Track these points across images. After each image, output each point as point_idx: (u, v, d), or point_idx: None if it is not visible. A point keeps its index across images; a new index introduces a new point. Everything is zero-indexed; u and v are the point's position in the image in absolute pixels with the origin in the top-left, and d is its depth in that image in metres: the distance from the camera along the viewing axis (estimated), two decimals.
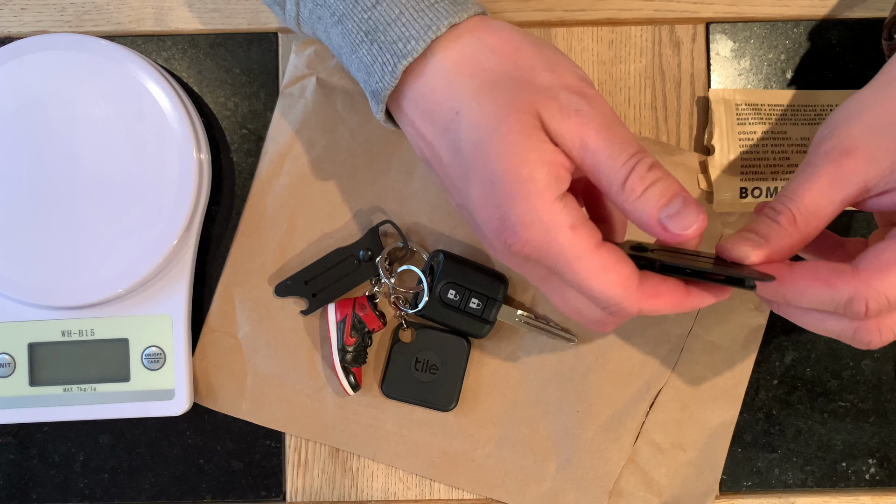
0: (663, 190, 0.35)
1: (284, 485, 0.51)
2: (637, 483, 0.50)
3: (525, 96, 0.37)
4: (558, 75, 0.37)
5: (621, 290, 0.36)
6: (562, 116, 0.36)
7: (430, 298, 0.49)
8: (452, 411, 0.50)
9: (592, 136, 0.36)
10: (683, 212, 0.35)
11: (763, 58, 0.52)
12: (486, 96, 0.37)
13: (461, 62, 0.38)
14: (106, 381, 0.49)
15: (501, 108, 0.36)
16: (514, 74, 0.37)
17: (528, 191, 0.35)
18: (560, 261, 0.36)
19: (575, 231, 0.35)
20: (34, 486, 0.51)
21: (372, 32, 0.39)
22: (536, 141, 0.36)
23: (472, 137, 0.37)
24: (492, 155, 0.36)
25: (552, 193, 0.35)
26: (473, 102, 0.37)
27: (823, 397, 0.51)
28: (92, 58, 0.47)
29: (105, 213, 0.47)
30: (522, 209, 0.35)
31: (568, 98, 0.36)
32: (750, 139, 0.51)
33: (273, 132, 0.51)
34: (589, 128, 0.36)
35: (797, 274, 0.36)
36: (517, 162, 0.35)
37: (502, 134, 0.36)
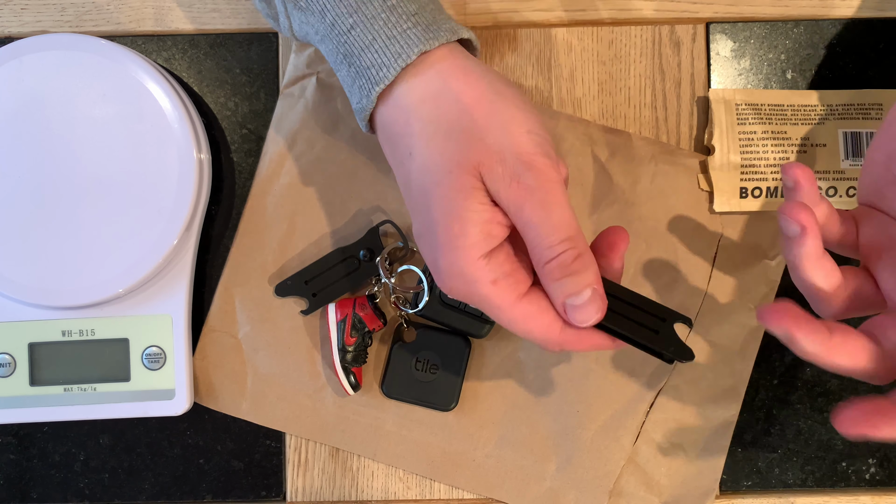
0: (578, 282, 0.37)
1: (284, 485, 0.51)
2: (637, 483, 0.50)
3: (473, 154, 0.37)
4: (511, 139, 0.38)
5: (540, 335, 0.39)
6: (503, 182, 0.37)
7: (431, 298, 0.49)
8: (452, 411, 0.50)
9: (527, 210, 0.37)
10: (585, 307, 0.38)
11: (763, 58, 0.52)
12: (436, 146, 0.38)
13: (423, 102, 0.39)
14: (106, 381, 0.49)
15: (448, 161, 0.38)
16: (468, 128, 0.38)
17: (455, 245, 0.37)
18: (485, 307, 0.39)
19: (496, 285, 0.38)
20: (34, 486, 0.51)
21: (349, 56, 0.40)
22: (473, 201, 0.37)
23: (419, 181, 0.39)
24: (431, 204, 0.38)
25: (478, 251, 0.37)
26: (425, 149, 0.38)
27: (823, 397, 0.51)
28: (92, 58, 0.47)
29: (105, 213, 0.47)
30: (449, 261, 0.38)
31: (514, 165, 0.37)
32: (750, 139, 0.51)
33: (273, 132, 0.51)
34: (527, 200, 0.37)
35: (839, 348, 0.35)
36: (451, 217, 0.37)
37: (444, 187, 0.38)
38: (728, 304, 0.50)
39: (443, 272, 0.38)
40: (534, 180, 0.37)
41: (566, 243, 0.37)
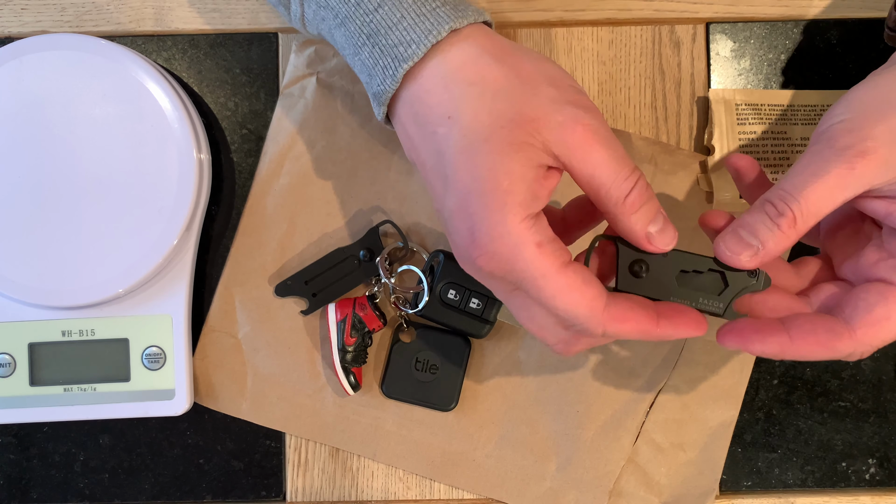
0: (652, 208, 0.37)
1: (284, 485, 0.51)
2: (637, 483, 0.50)
3: (527, 109, 0.36)
4: (560, 91, 0.37)
5: (586, 310, 0.36)
6: (567, 128, 0.36)
7: (430, 298, 0.49)
8: (452, 411, 0.50)
9: (597, 149, 0.36)
10: (665, 229, 0.38)
11: (763, 58, 0.52)
12: (483, 105, 0.37)
13: (462, 67, 0.38)
14: (106, 381, 0.49)
15: (498, 118, 0.36)
16: (518, 87, 0.37)
17: (503, 202, 0.35)
18: (525, 277, 0.36)
19: (541, 249, 0.35)
20: (34, 486, 0.51)
21: (374, 35, 0.39)
22: (525, 155, 0.36)
23: (460, 143, 0.37)
24: (477, 161, 0.36)
25: (526, 210, 0.35)
26: (469, 109, 0.37)
27: (823, 397, 0.51)
28: (92, 58, 0.47)
29: (105, 213, 0.47)
30: (494, 221, 0.35)
31: (573, 111, 0.36)
32: (750, 139, 0.51)
33: (273, 132, 0.51)
34: (594, 140, 0.36)
35: (798, 342, 0.37)
36: (501, 171, 0.35)
37: (493, 143, 0.36)
38: None
39: (484, 236, 0.36)
40: (595, 120, 0.36)
41: (636, 173, 0.37)
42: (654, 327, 0.37)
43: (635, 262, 0.38)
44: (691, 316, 0.38)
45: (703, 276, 0.39)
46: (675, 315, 0.38)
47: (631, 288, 0.38)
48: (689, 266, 0.38)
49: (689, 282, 0.39)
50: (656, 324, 0.37)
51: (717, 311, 0.38)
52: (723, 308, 0.38)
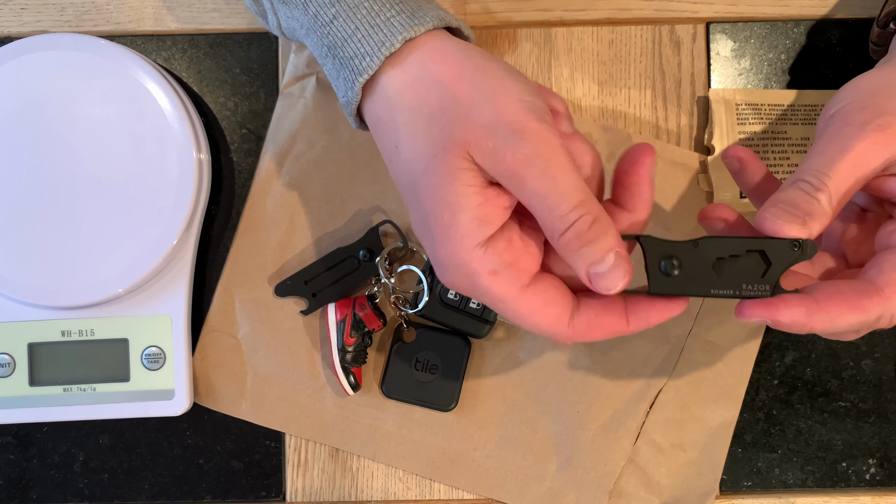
0: (598, 248, 0.34)
1: (284, 485, 0.51)
2: (637, 483, 0.50)
3: (458, 134, 0.35)
4: (498, 110, 0.35)
5: (549, 328, 0.36)
6: (497, 157, 0.34)
7: (430, 298, 0.49)
8: (452, 411, 0.50)
9: (530, 182, 0.34)
10: (612, 271, 0.34)
11: (763, 58, 0.52)
12: (420, 133, 0.36)
13: (403, 92, 0.37)
14: (106, 381, 0.49)
15: (433, 146, 0.36)
16: (451, 109, 0.36)
17: (448, 236, 0.35)
18: (487, 300, 0.36)
19: (495, 277, 0.35)
20: (34, 486, 0.51)
21: (333, 47, 0.39)
22: (461, 184, 0.35)
23: (407, 172, 0.37)
24: (421, 195, 0.36)
25: (473, 240, 0.35)
26: (409, 139, 0.37)
27: (823, 397, 0.51)
28: (92, 58, 0.47)
29: (105, 213, 0.47)
30: (445, 252, 0.35)
31: (506, 136, 0.34)
32: (750, 139, 0.51)
33: (273, 132, 0.51)
34: (527, 172, 0.34)
35: (825, 304, 0.35)
36: (441, 205, 0.35)
37: (430, 174, 0.35)
38: (728, 304, 0.50)
39: (441, 265, 0.36)
40: (530, 148, 0.34)
41: (579, 209, 0.34)
42: (626, 327, 0.36)
43: (665, 260, 0.36)
44: (662, 302, 0.36)
45: (742, 259, 0.36)
46: (647, 306, 0.36)
47: (666, 289, 0.36)
48: (725, 252, 0.36)
49: (728, 269, 0.36)
50: (626, 324, 0.36)
51: (764, 293, 0.36)
52: (770, 289, 0.36)
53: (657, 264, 0.36)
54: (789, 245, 0.35)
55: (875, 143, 0.36)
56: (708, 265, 0.36)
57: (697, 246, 0.36)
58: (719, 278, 0.36)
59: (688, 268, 0.36)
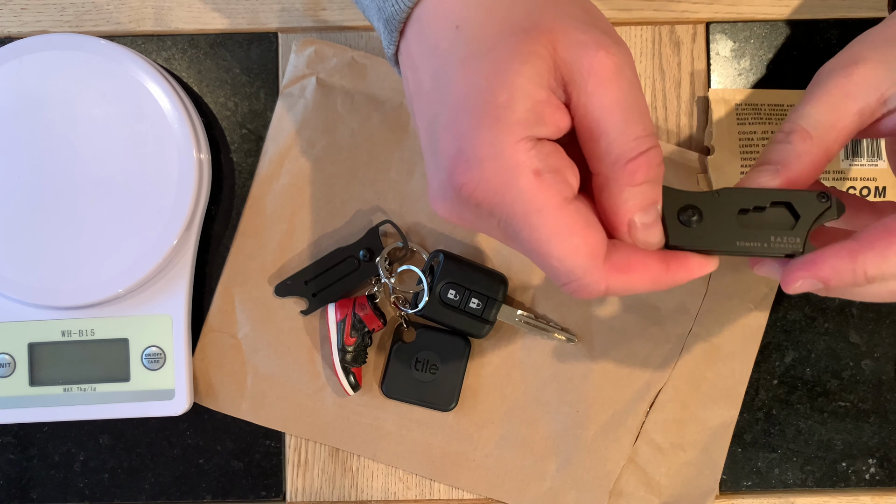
0: (651, 193, 0.32)
1: (284, 485, 0.51)
2: (637, 483, 0.50)
3: (546, 20, 0.30)
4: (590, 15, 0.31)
5: (584, 258, 0.30)
6: (588, 50, 0.30)
7: (430, 298, 0.49)
8: (452, 411, 0.50)
9: (615, 88, 0.30)
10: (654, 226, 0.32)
11: (763, 58, 0.52)
12: (497, 13, 0.31)
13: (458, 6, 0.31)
14: (106, 381, 0.49)
15: (510, 26, 0.31)
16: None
17: (497, 117, 0.30)
18: (517, 212, 0.30)
19: (539, 178, 0.30)
20: (34, 486, 0.51)
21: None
22: (532, 69, 0.30)
23: (461, 54, 0.31)
24: (476, 71, 0.30)
25: (525, 130, 0.30)
26: (479, 17, 0.31)
27: (823, 397, 0.51)
28: (92, 58, 0.47)
29: (105, 213, 0.47)
30: (485, 139, 0.30)
31: (599, 36, 0.30)
32: (750, 139, 0.51)
33: (273, 132, 0.51)
34: (615, 76, 0.30)
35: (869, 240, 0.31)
36: (500, 83, 0.30)
37: (497, 51, 0.30)
38: (728, 304, 0.50)
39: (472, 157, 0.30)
40: (623, 56, 0.30)
41: (653, 140, 0.31)
42: (665, 273, 0.32)
43: (684, 210, 0.33)
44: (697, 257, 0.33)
45: (767, 212, 0.33)
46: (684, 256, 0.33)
47: (686, 242, 0.33)
48: (749, 203, 0.33)
49: (753, 222, 0.33)
50: (667, 268, 0.32)
51: (796, 248, 0.33)
52: (801, 242, 0.33)
53: (675, 215, 0.33)
54: (816, 196, 0.33)
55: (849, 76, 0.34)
56: (731, 217, 0.33)
57: (719, 196, 0.33)
58: (745, 230, 0.33)
59: (709, 219, 0.33)
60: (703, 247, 0.33)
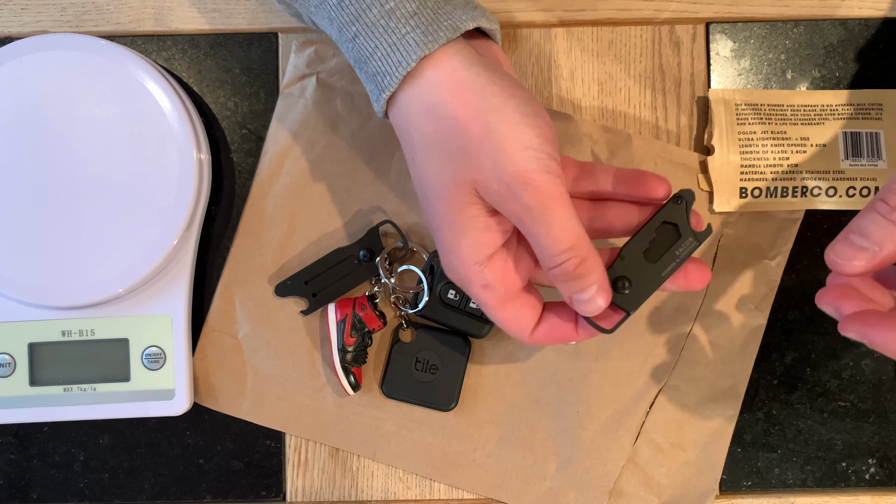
0: (581, 283, 0.39)
1: (284, 485, 0.51)
2: (637, 483, 0.50)
3: (468, 172, 0.38)
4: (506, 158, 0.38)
5: (515, 335, 0.42)
6: (500, 199, 0.38)
7: (430, 298, 0.49)
8: (452, 411, 0.50)
9: (527, 224, 0.38)
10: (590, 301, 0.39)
11: (763, 58, 0.52)
12: (432, 160, 0.40)
13: (420, 115, 0.40)
14: (106, 381, 0.49)
15: (443, 177, 0.39)
16: (463, 147, 0.38)
17: (452, 251, 0.40)
18: (477, 303, 0.42)
19: (485, 289, 0.40)
20: (34, 486, 0.51)
21: (359, 62, 0.41)
22: (466, 215, 0.39)
23: (420, 186, 0.41)
24: (432, 211, 0.40)
25: (472, 259, 0.40)
26: (423, 161, 0.40)
27: (823, 397, 0.51)
28: (92, 58, 0.47)
29: (105, 213, 0.47)
30: (448, 262, 0.41)
31: (510, 185, 0.38)
32: (750, 139, 0.51)
33: (273, 132, 0.51)
34: (524, 216, 0.38)
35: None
36: (447, 227, 0.40)
37: (441, 200, 0.40)
38: (728, 304, 0.50)
39: (445, 266, 0.41)
40: (531, 199, 0.37)
41: (567, 253, 0.38)
42: (574, 334, 0.42)
43: (616, 284, 0.41)
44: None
45: (658, 237, 0.41)
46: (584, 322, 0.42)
47: (636, 303, 0.41)
48: (645, 243, 0.41)
49: (657, 251, 0.41)
50: (576, 331, 0.42)
51: (694, 246, 0.41)
52: (694, 240, 0.41)
53: (615, 294, 0.41)
54: (673, 203, 0.41)
55: None
56: (643, 262, 0.41)
57: (624, 258, 0.41)
58: (657, 264, 0.41)
59: (634, 276, 0.41)
60: (646, 297, 0.41)
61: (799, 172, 0.50)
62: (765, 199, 0.50)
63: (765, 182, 0.50)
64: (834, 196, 0.50)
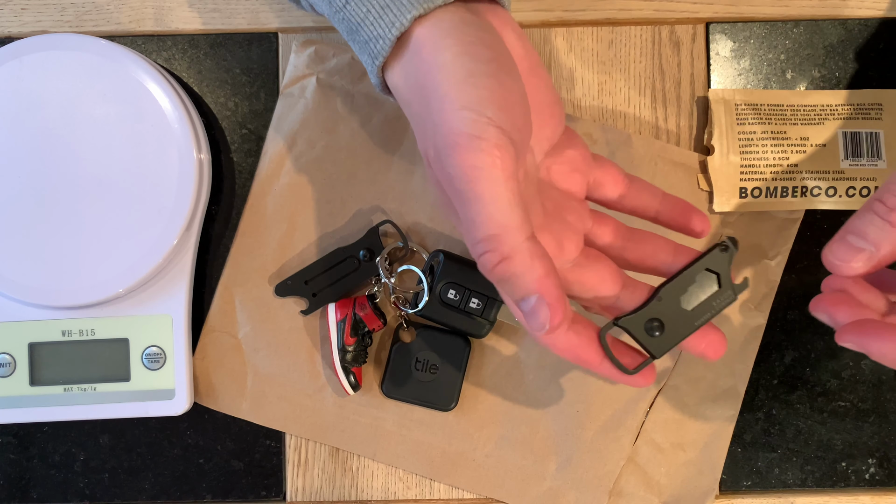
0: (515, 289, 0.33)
1: (284, 485, 0.51)
2: (637, 483, 0.50)
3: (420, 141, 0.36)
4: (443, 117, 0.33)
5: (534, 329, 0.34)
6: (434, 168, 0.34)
7: (430, 298, 0.49)
8: (452, 411, 0.50)
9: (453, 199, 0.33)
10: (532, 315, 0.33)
11: (763, 58, 0.52)
12: (416, 130, 0.37)
13: (398, 86, 0.37)
14: (106, 381, 0.49)
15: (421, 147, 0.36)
16: (420, 115, 0.35)
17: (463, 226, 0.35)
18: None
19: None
20: (34, 486, 0.51)
21: (350, 32, 0.38)
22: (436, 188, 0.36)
23: None
24: None
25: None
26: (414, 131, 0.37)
27: (823, 397, 0.51)
28: (92, 58, 0.47)
29: (105, 213, 0.47)
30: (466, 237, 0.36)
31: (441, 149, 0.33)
32: (750, 139, 0.51)
33: (273, 132, 0.51)
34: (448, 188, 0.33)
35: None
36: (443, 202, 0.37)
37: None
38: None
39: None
40: (454, 166, 0.32)
41: (484, 244, 0.32)
42: (598, 362, 0.37)
43: (647, 325, 0.38)
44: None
45: (697, 283, 0.38)
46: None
47: (665, 348, 0.38)
48: (684, 287, 0.38)
49: (694, 298, 0.38)
50: (600, 361, 0.37)
51: (730, 300, 0.38)
52: (732, 294, 0.38)
53: (644, 335, 0.38)
54: (719, 250, 0.38)
55: None
56: (678, 307, 0.38)
57: (661, 300, 0.38)
58: (693, 311, 0.38)
59: (668, 320, 0.38)
60: (674, 345, 0.38)
61: (799, 172, 0.50)
62: (764, 199, 0.50)
63: (764, 182, 0.50)
64: (834, 196, 0.50)
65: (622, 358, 0.38)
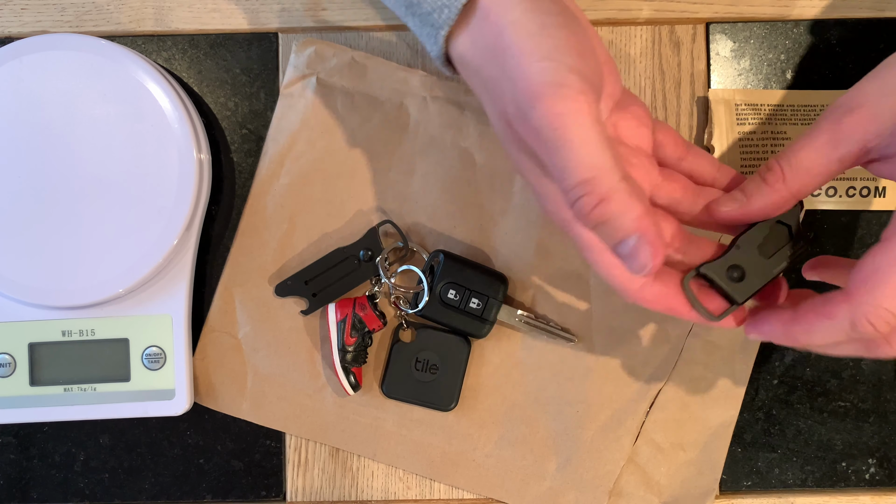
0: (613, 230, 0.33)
1: (284, 485, 0.51)
2: (637, 483, 0.50)
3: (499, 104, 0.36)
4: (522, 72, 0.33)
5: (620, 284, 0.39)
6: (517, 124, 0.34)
7: (430, 298, 0.49)
8: (452, 411, 0.50)
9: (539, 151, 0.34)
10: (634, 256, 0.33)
11: (763, 58, 0.52)
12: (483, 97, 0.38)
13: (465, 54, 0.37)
14: (106, 381, 0.49)
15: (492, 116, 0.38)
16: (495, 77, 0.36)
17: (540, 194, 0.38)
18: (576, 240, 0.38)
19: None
20: (34, 486, 0.51)
21: (410, 6, 0.38)
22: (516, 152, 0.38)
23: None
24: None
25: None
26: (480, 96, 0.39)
27: (823, 397, 0.51)
28: (92, 58, 0.47)
29: (105, 213, 0.47)
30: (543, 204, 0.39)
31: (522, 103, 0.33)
32: (750, 139, 0.51)
33: (273, 132, 0.51)
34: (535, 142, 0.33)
35: (798, 316, 0.37)
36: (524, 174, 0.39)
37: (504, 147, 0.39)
38: None
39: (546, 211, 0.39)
40: (539, 117, 0.32)
41: (580, 188, 0.32)
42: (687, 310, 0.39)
43: (728, 272, 0.40)
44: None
45: (771, 234, 0.40)
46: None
47: (748, 293, 0.40)
48: (759, 236, 0.40)
49: (770, 248, 0.40)
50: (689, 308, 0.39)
51: (805, 250, 0.41)
52: (804, 244, 0.41)
53: (727, 281, 0.40)
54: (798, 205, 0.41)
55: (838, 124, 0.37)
56: (757, 255, 0.40)
57: (740, 247, 0.40)
58: (771, 260, 0.40)
59: (747, 267, 0.40)
60: (756, 289, 0.40)
61: None
62: None
63: None
64: (834, 196, 0.50)
65: (707, 304, 0.39)
